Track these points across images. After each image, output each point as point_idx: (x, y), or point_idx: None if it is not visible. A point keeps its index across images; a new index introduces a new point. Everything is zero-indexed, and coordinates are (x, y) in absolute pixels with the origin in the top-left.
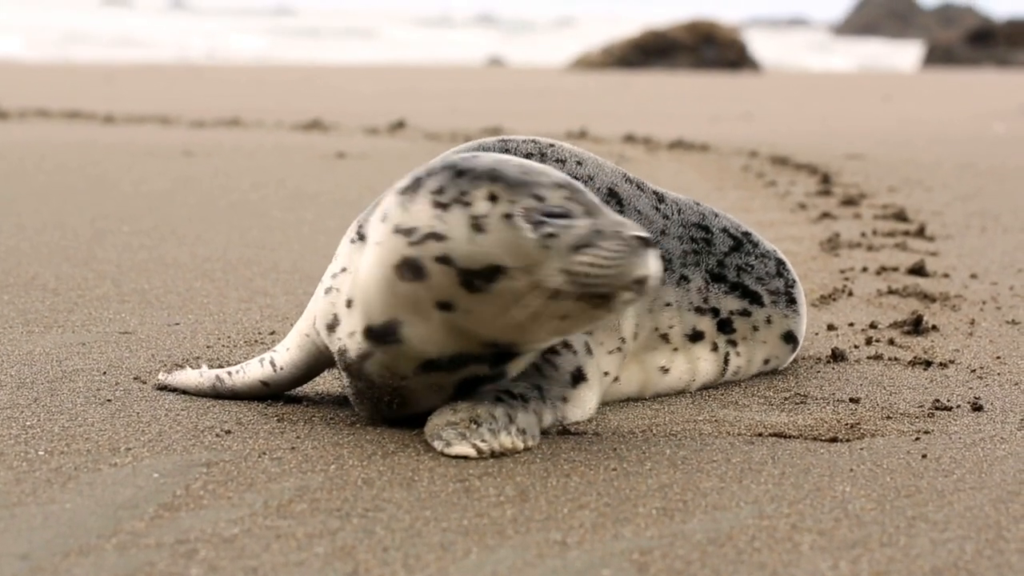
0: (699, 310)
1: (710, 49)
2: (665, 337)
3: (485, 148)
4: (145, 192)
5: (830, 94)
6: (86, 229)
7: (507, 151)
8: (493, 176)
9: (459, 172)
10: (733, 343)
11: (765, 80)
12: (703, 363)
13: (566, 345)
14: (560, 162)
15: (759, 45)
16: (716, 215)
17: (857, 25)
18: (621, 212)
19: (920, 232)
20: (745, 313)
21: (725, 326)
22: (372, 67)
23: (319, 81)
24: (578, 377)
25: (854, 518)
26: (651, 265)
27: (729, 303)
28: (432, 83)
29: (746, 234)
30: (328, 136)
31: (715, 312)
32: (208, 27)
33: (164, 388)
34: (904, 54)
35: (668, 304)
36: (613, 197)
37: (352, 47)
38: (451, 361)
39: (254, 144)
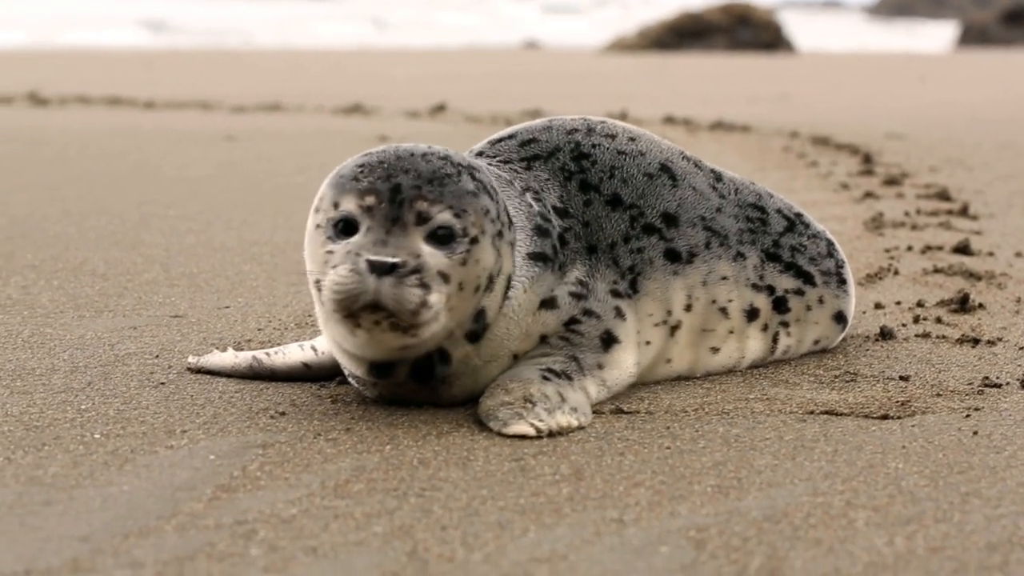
0: (755, 287)
1: (745, 31)
2: (724, 311)
3: (529, 129)
4: (189, 177)
5: (866, 75)
6: (132, 214)
7: (550, 128)
8: (330, 181)
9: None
10: (785, 324)
11: (801, 61)
12: (752, 342)
13: (587, 312)
14: (611, 136)
15: (794, 27)
16: (771, 196)
17: (892, 6)
18: (674, 188)
19: (963, 211)
20: (799, 292)
21: (780, 304)
22: (410, 50)
23: (359, 65)
24: (608, 340)
25: (908, 494)
26: (382, 292)
27: (784, 282)
28: (471, 66)
29: (798, 215)
30: (370, 120)
31: (771, 290)
32: (250, 14)
33: (198, 371)
34: (939, 35)
35: (724, 278)
36: (666, 172)
37: (389, 32)
38: (388, 366)
39: (296, 128)
